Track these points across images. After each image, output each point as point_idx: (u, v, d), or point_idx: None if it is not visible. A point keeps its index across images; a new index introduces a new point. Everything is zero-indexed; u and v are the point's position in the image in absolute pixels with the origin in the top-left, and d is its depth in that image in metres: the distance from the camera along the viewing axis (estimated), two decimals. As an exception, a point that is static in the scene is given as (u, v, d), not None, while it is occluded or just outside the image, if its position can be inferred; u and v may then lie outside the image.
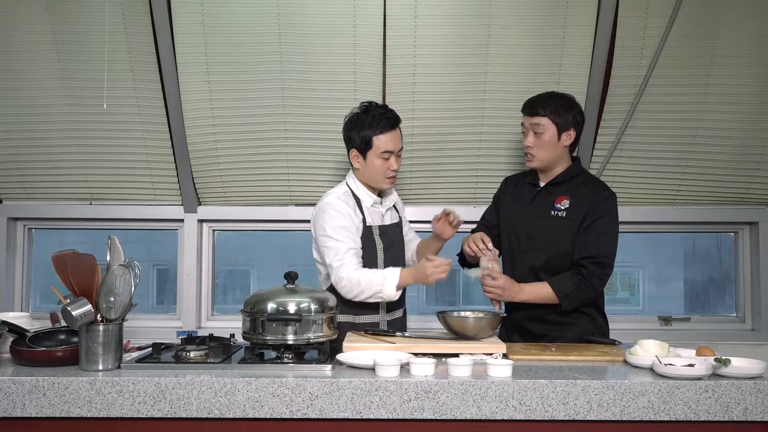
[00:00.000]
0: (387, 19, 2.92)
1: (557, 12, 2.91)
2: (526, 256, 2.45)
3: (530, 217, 2.47)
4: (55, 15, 2.92)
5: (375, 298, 2.25)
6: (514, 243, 2.49)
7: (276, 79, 3.00)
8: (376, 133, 2.33)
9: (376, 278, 2.21)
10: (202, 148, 3.12)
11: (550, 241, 2.41)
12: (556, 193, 2.46)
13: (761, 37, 2.97)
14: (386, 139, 2.34)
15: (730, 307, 3.53)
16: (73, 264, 1.87)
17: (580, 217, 2.39)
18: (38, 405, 1.72)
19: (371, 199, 2.42)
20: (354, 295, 2.24)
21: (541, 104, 2.43)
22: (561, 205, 2.43)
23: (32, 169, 3.21)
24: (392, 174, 2.38)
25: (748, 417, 1.73)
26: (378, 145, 2.34)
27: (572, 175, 2.47)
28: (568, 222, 2.40)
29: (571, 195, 2.43)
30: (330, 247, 2.28)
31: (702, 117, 3.10)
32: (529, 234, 2.46)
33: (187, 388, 1.73)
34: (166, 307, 3.58)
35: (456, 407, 1.72)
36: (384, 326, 2.40)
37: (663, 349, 1.95)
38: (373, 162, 2.35)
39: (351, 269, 2.23)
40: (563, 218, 2.41)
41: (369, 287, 2.21)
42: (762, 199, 3.30)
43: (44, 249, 3.46)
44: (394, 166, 2.37)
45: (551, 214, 2.42)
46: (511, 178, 2.68)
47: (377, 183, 2.40)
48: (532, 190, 2.51)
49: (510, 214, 2.54)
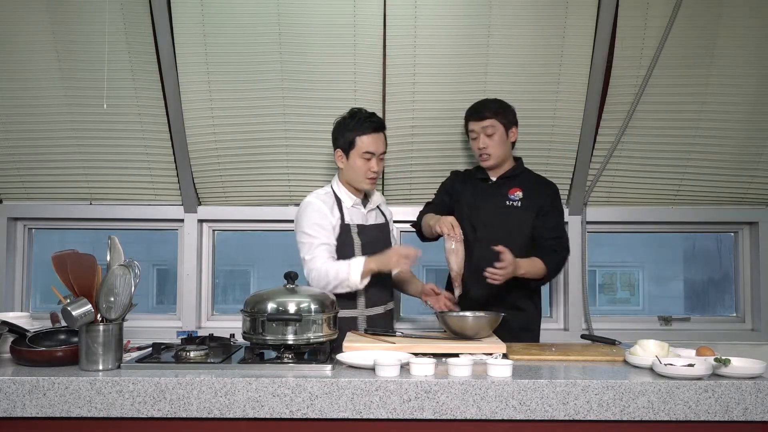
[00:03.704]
0: (387, 19, 2.92)
1: (557, 12, 2.91)
2: (483, 245, 2.53)
3: (486, 208, 2.66)
4: (55, 15, 2.92)
5: (343, 287, 2.31)
6: (470, 234, 2.61)
7: (276, 79, 3.00)
8: (359, 134, 2.44)
9: (342, 267, 2.30)
10: (202, 148, 3.12)
11: (507, 229, 2.59)
12: (507, 185, 2.68)
13: (761, 38, 2.98)
14: (368, 140, 2.45)
15: (730, 307, 3.53)
16: (73, 264, 1.87)
17: (536, 207, 2.63)
18: (38, 405, 1.72)
19: (352, 200, 2.50)
20: (323, 286, 2.30)
21: (487, 108, 2.67)
22: (515, 196, 2.65)
23: (32, 169, 3.21)
24: (372, 175, 2.47)
25: (748, 417, 1.73)
26: (360, 146, 2.45)
27: (520, 171, 2.72)
28: (524, 211, 2.63)
29: (523, 187, 2.66)
30: (304, 243, 2.39)
31: (702, 117, 3.10)
32: (485, 223, 2.64)
33: (187, 388, 1.73)
34: (166, 307, 3.58)
35: (456, 407, 1.72)
36: (363, 322, 2.43)
37: (663, 349, 1.95)
38: (355, 161, 2.45)
39: (320, 262, 2.33)
40: (518, 208, 2.63)
41: (336, 277, 2.30)
42: (762, 199, 3.30)
43: (44, 249, 3.46)
44: (374, 167, 2.46)
45: (506, 204, 2.64)
46: (461, 172, 2.85)
47: (358, 183, 2.49)
48: (485, 184, 2.72)
49: (465, 205, 2.70)
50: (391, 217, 2.69)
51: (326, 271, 2.31)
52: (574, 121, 3.08)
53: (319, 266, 2.32)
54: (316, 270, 2.32)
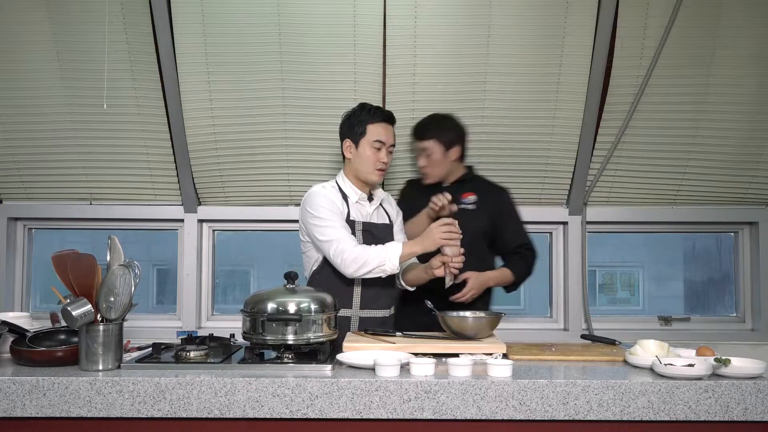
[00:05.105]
0: (387, 19, 2.92)
1: (557, 12, 2.91)
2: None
3: None
4: (55, 15, 2.92)
5: (377, 272, 2.26)
6: None
7: (276, 78, 3.00)
8: (371, 122, 2.41)
9: (378, 252, 2.25)
10: (202, 148, 3.12)
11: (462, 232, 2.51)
12: (460, 190, 2.70)
13: (761, 37, 2.98)
14: (380, 129, 2.41)
15: (730, 307, 3.53)
16: (73, 264, 1.87)
17: (488, 211, 2.69)
18: (38, 405, 1.72)
19: (357, 194, 2.45)
20: (358, 267, 2.24)
21: (427, 130, 2.70)
22: (468, 200, 2.70)
23: (32, 169, 3.21)
24: (381, 166, 2.42)
25: (748, 417, 1.73)
26: (371, 134, 2.40)
27: (471, 177, 2.78)
28: (478, 214, 2.67)
29: (476, 191, 2.71)
30: (324, 226, 2.31)
31: (702, 117, 3.10)
32: None
33: (187, 388, 1.73)
34: (166, 307, 3.58)
35: (456, 407, 1.72)
36: (356, 322, 2.41)
37: (663, 349, 1.95)
38: (365, 150, 2.40)
39: (351, 244, 2.27)
40: (472, 211, 2.67)
41: (373, 259, 2.24)
42: (762, 199, 3.30)
43: (44, 249, 3.46)
44: (384, 158, 2.42)
45: (460, 207, 2.60)
46: (415, 180, 2.90)
47: (366, 174, 2.42)
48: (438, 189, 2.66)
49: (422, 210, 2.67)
50: (398, 210, 2.64)
51: (360, 253, 2.24)
52: (574, 121, 3.08)
53: (351, 249, 2.25)
54: (349, 251, 2.24)
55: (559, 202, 3.30)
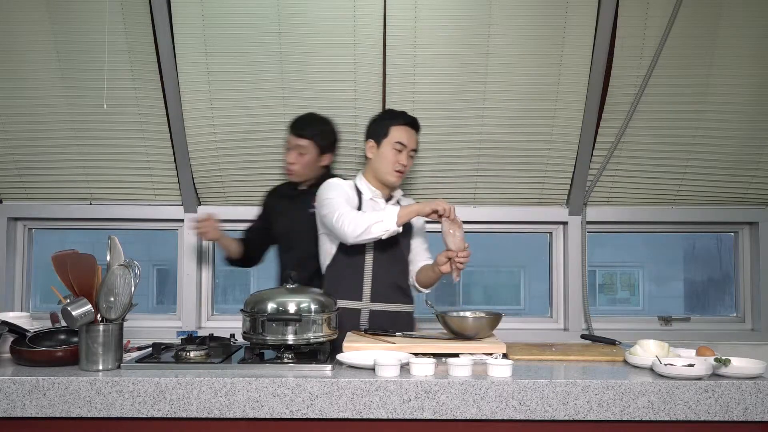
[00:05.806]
0: (387, 19, 2.92)
1: (557, 12, 2.91)
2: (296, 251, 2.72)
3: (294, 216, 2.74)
4: (55, 15, 2.92)
5: (377, 229, 2.25)
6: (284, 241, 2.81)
7: (276, 79, 3.00)
8: (394, 124, 2.47)
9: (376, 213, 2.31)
10: (202, 148, 3.12)
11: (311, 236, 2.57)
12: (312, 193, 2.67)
13: (761, 37, 2.98)
14: (402, 131, 2.46)
15: (730, 307, 3.53)
16: (73, 264, 1.87)
17: None
18: (38, 405, 1.72)
19: (372, 192, 2.49)
20: (353, 228, 2.26)
21: (309, 128, 2.72)
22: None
23: (32, 169, 3.21)
24: (400, 168, 2.46)
25: (748, 417, 1.73)
26: (393, 135, 2.45)
27: None
28: None
29: None
30: (330, 203, 2.37)
31: (702, 117, 3.10)
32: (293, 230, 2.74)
33: (187, 388, 1.73)
34: (166, 307, 3.58)
35: (456, 407, 1.72)
36: (366, 315, 2.41)
37: (663, 349, 1.95)
38: (386, 150, 2.45)
39: (353, 212, 2.32)
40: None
41: (371, 217, 2.27)
42: (762, 199, 3.30)
43: (44, 249, 3.46)
44: (403, 161, 2.46)
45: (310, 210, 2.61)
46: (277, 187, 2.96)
47: (384, 174, 2.46)
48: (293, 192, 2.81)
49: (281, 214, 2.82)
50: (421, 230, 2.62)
51: (360, 213, 2.30)
52: (574, 121, 3.08)
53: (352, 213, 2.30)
54: (348, 214, 2.28)
55: (559, 202, 3.30)
